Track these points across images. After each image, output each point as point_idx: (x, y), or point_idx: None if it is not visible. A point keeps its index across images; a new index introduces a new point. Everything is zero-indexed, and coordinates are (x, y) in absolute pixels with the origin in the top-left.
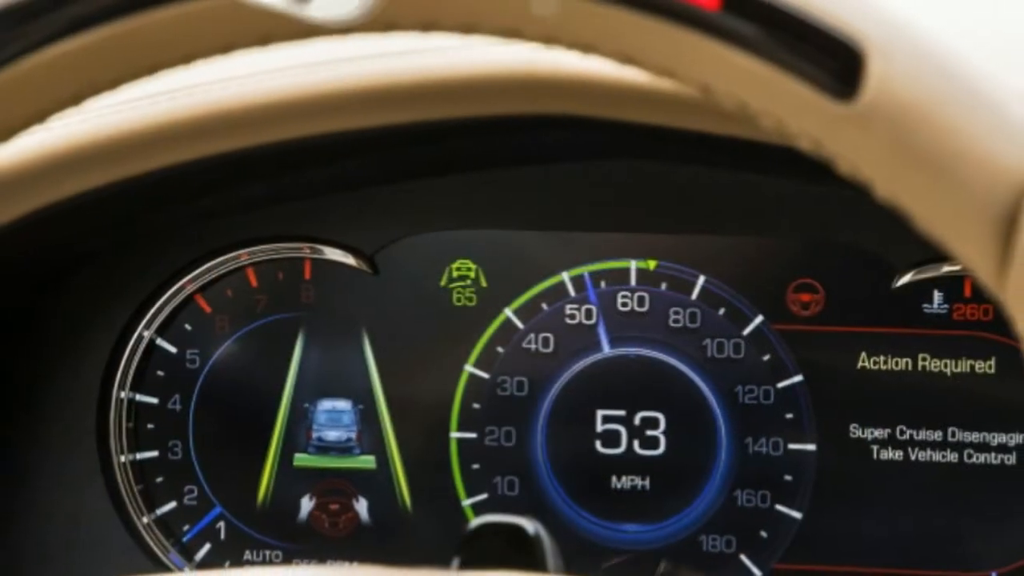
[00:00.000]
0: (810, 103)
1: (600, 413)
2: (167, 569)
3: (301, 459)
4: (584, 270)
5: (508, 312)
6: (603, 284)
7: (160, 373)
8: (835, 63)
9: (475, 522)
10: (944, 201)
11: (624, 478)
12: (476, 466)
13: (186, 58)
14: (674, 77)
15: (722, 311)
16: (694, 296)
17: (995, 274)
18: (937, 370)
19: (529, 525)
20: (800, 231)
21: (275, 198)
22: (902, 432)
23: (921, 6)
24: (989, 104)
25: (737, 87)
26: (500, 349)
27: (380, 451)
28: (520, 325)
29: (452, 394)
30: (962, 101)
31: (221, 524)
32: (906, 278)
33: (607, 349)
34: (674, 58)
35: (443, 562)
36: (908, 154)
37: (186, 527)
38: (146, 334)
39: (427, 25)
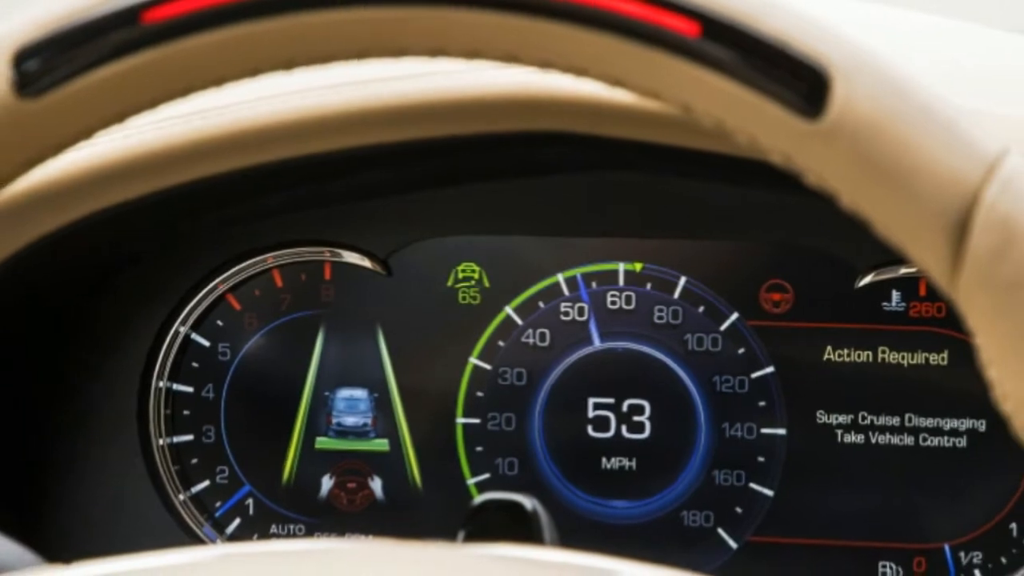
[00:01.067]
0: (781, 121)
1: (591, 401)
2: (201, 542)
3: (322, 442)
4: (577, 272)
5: (508, 310)
6: (594, 284)
7: (195, 365)
8: (803, 86)
9: (478, 499)
10: (901, 210)
11: (613, 459)
12: (479, 449)
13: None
14: (658, 98)
15: (701, 309)
16: (676, 295)
17: (947, 275)
18: (895, 362)
19: (527, 502)
20: (772, 236)
21: (298, 207)
22: (863, 418)
23: (881, 36)
24: (941, 122)
25: (715, 107)
26: (501, 343)
27: (393, 435)
28: (519, 321)
29: (458, 384)
30: (917, 120)
31: (250, 501)
32: (867, 279)
33: (598, 343)
34: (658, 81)
35: (450, 535)
36: (869, 167)
37: (218, 504)
38: (182, 329)
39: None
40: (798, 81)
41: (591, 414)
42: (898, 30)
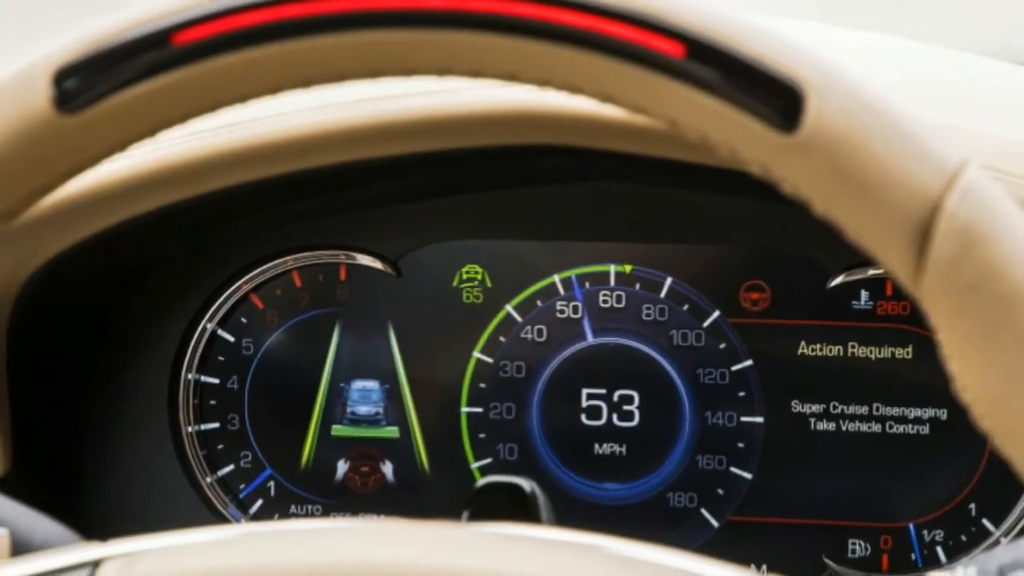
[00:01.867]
0: (759, 135)
1: (585, 391)
2: (226, 521)
3: (337, 430)
4: (572, 273)
5: (509, 308)
6: (587, 285)
7: (221, 358)
8: (780, 103)
9: (481, 482)
10: (869, 217)
11: (605, 445)
12: (482, 435)
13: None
14: (647, 114)
15: (686, 307)
16: (663, 295)
17: (912, 277)
18: (864, 356)
19: (526, 484)
20: (751, 240)
21: (317, 213)
22: (835, 407)
23: (853, 57)
24: (906, 136)
25: (699, 122)
26: (502, 338)
27: (402, 423)
28: (519, 319)
29: (462, 376)
30: (884, 134)
31: (271, 483)
32: (838, 279)
33: (590, 339)
34: (646, 98)
35: (455, 515)
36: (840, 178)
37: (242, 486)
38: (209, 326)
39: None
40: (775, 98)
41: (584, 404)
42: (869, 51)
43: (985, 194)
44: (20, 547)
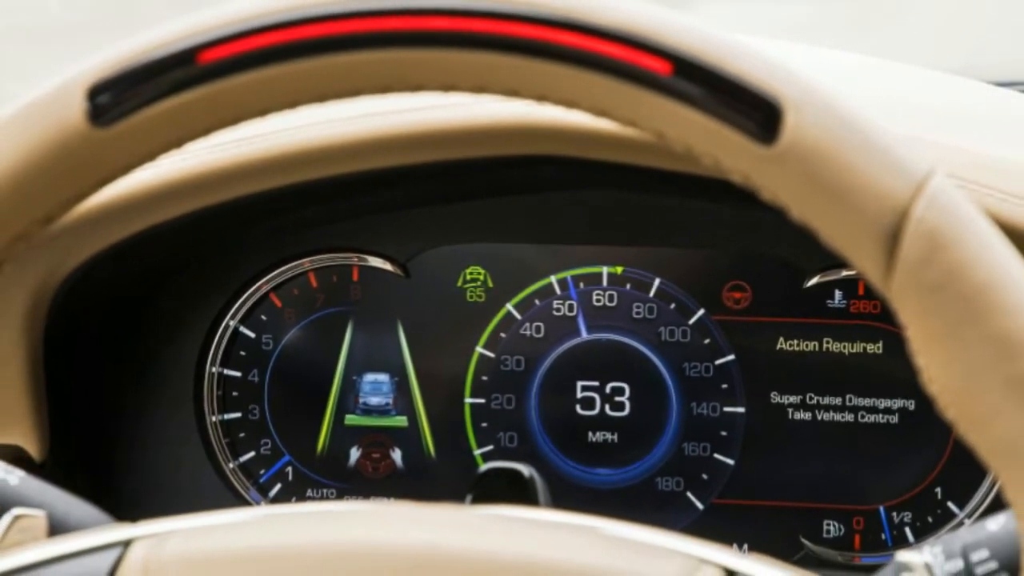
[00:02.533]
0: (740, 147)
1: (579, 383)
2: (248, 503)
3: (351, 419)
4: (567, 274)
5: (509, 307)
6: (581, 285)
7: (242, 353)
8: (759, 116)
9: (483, 467)
10: (842, 222)
11: (598, 433)
12: (484, 424)
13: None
14: (636, 127)
15: (673, 306)
16: (652, 294)
17: (882, 278)
18: (838, 351)
19: (525, 469)
20: (733, 244)
21: (331, 219)
22: (811, 398)
23: (828, 73)
24: (877, 147)
25: (684, 134)
26: (503, 335)
27: (411, 413)
28: (518, 316)
29: (466, 369)
30: (856, 145)
31: (289, 469)
32: (814, 280)
33: (585, 335)
34: (636, 112)
35: (459, 498)
36: (815, 186)
37: (262, 471)
38: (232, 323)
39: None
40: (755, 112)
41: (579, 395)
42: (844, 69)
43: (950, 201)
44: (57, 528)
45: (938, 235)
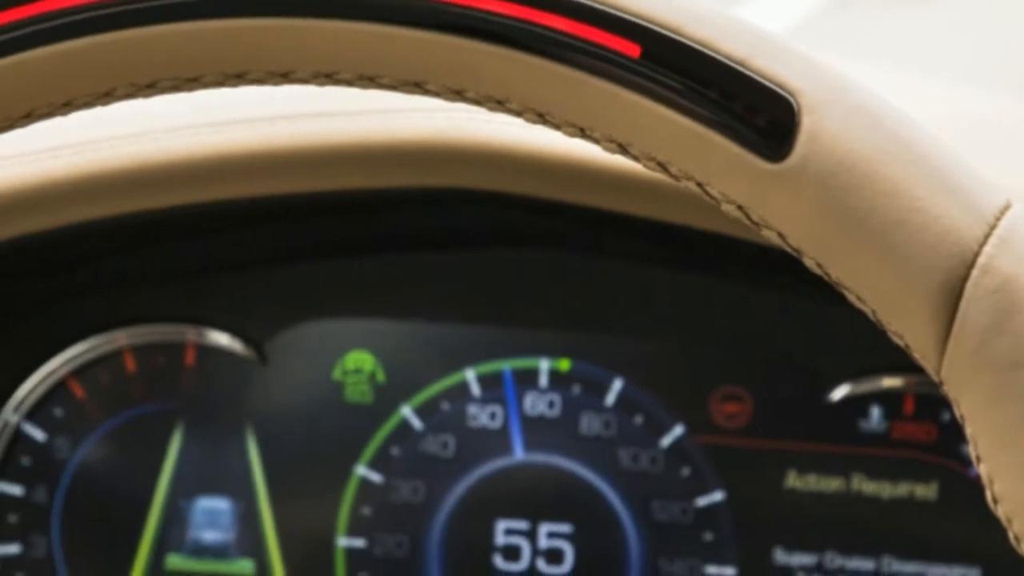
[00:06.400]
0: (735, 162)
1: (501, 524)
2: None
3: (173, 561)
4: (489, 368)
5: (405, 411)
6: (511, 384)
7: (25, 462)
8: (762, 117)
9: None
10: (880, 270)
11: None
12: None
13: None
14: (588, 135)
15: (639, 419)
16: (610, 402)
17: (934, 351)
18: (872, 493)
19: None
20: (727, 334)
21: (157, 275)
22: (831, 560)
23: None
24: (931, 166)
25: (656, 145)
26: (395, 451)
27: (260, 555)
28: (418, 426)
29: (340, 497)
30: (901, 162)
31: None
32: (842, 391)
33: (513, 455)
34: (586, 110)
35: None
36: (841, 218)
37: None
38: (13, 419)
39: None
40: (757, 114)
41: (500, 542)
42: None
43: None
44: None
45: (1013, 292)
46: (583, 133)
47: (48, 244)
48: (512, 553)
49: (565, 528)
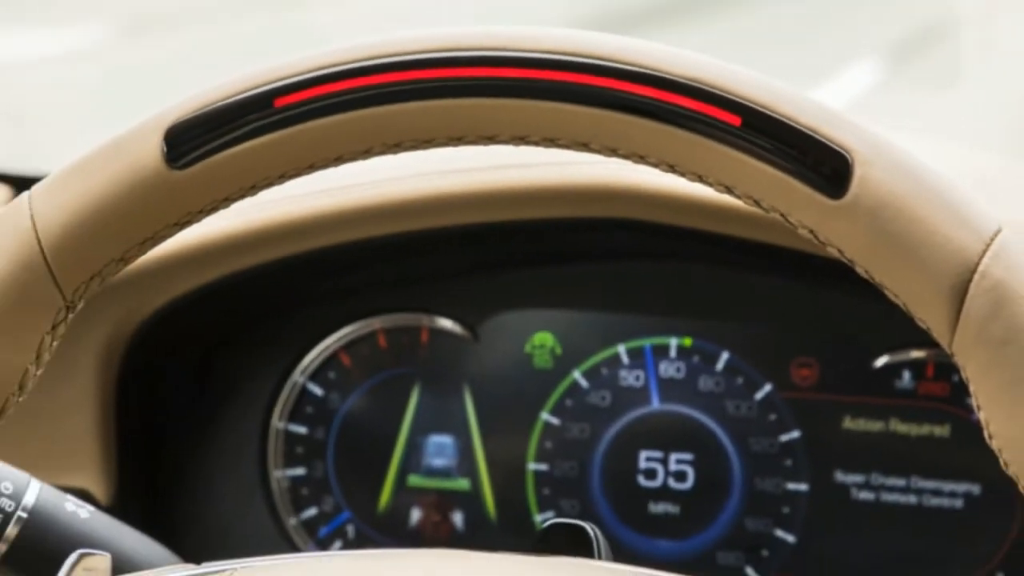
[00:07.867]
0: (809, 200)
1: (643, 454)
2: None
3: (413, 479)
4: (635, 344)
5: (576, 374)
6: (650, 355)
7: (309, 410)
8: (828, 169)
9: (546, 523)
10: (909, 276)
11: (660, 504)
12: (546, 491)
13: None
14: (704, 181)
15: (740, 380)
16: (719, 368)
17: (948, 332)
18: (904, 432)
19: (588, 527)
20: (803, 320)
21: (402, 279)
22: (875, 479)
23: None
24: (946, 201)
25: (753, 188)
26: (568, 402)
27: (473, 476)
28: (585, 384)
29: (530, 435)
30: (925, 199)
31: (349, 527)
32: (883, 360)
33: (655, 405)
34: (705, 165)
35: None
36: (882, 240)
37: (322, 528)
38: (300, 380)
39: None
40: (824, 165)
41: (642, 465)
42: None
43: (1015, 257)
44: (121, 568)
45: (1003, 290)
46: (700, 179)
47: (328, 255)
48: (650, 474)
49: (688, 456)
